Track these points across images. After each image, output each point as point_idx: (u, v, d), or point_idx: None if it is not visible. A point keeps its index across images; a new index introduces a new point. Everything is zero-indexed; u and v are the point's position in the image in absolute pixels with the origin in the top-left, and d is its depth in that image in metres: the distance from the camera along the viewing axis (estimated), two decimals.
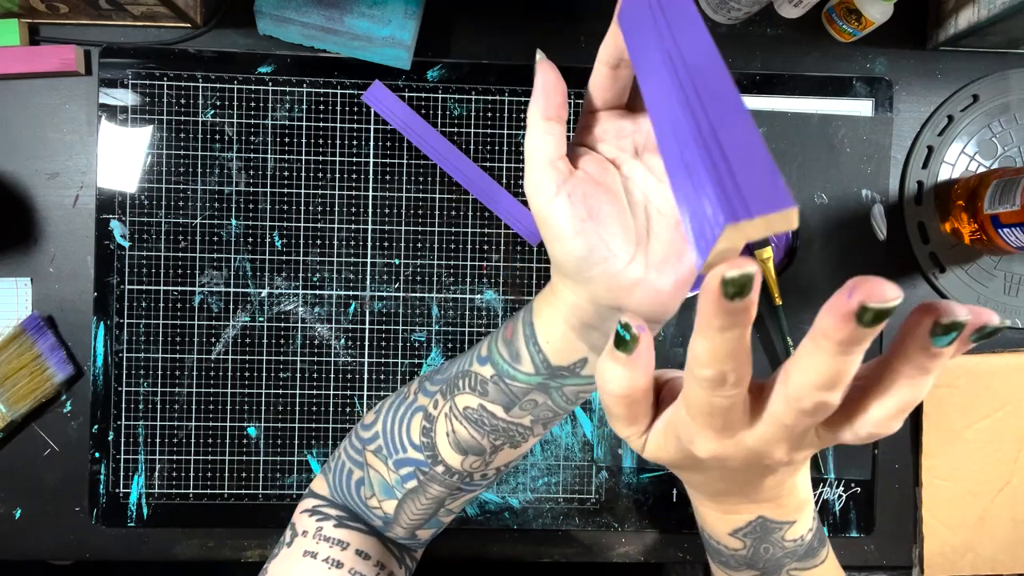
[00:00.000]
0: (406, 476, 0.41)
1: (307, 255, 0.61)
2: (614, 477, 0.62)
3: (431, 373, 0.42)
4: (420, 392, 0.41)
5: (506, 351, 0.37)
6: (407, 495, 0.41)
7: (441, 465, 0.40)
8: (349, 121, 0.60)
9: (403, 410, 0.41)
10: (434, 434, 0.39)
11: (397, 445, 0.41)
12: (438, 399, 0.39)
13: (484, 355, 0.38)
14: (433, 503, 0.41)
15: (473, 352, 0.39)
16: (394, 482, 0.41)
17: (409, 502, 0.41)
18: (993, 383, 0.62)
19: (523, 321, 0.36)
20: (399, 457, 0.41)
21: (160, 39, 0.60)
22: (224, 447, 0.60)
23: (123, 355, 0.60)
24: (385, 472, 0.41)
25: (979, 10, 0.57)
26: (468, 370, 0.38)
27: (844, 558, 0.64)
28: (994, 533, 0.63)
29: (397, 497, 0.41)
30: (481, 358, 0.38)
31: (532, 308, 0.37)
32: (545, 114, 0.32)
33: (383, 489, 0.42)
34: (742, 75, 0.62)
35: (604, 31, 0.36)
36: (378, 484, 0.42)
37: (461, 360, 0.40)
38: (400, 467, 0.41)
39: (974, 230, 0.60)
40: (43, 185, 0.60)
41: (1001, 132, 0.63)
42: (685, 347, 0.62)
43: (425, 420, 0.40)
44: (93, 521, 0.59)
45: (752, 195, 0.20)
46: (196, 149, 0.60)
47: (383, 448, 0.42)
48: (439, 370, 0.41)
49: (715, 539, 0.41)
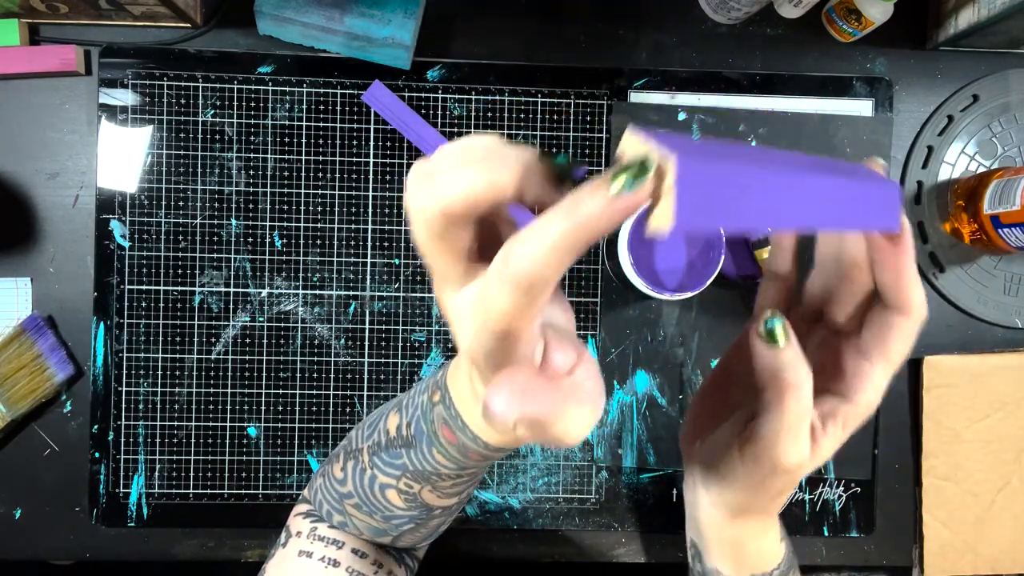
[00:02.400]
0: (400, 524, 0.38)
1: (307, 255, 0.61)
2: (614, 477, 0.62)
3: (373, 445, 0.37)
4: (375, 468, 0.37)
5: (482, 461, 0.33)
6: (403, 532, 0.39)
7: (439, 509, 0.38)
8: (349, 121, 0.60)
9: (367, 482, 0.37)
10: (422, 499, 0.36)
11: (380, 508, 0.38)
12: (408, 483, 0.36)
13: (454, 466, 0.34)
14: (434, 529, 0.40)
15: (422, 457, 0.34)
16: (386, 528, 0.39)
17: (407, 536, 0.40)
18: (993, 383, 0.62)
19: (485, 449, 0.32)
20: (386, 515, 0.38)
21: (160, 39, 0.60)
22: (224, 447, 0.60)
23: (123, 355, 0.59)
24: (373, 522, 0.39)
25: (979, 10, 0.57)
26: (438, 472, 0.35)
27: (844, 558, 0.64)
28: (994, 533, 0.63)
29: (391, 535, 0.40)
30: (451, 467, 0.34)
31: (476, 436, 0.31)
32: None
33: (373, 531, 0.40)
34: (742, 75, 0.62)
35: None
36: (366, 528, 0.40)
37: (410, 457, 0.35)
38: (391, 519, 0.38)
39: (974, 230, 0.60)
40: (43, 185, 0.60)
41: (1001, 132, 0.63)
42: (685, 347, 0.62)
43: (402, 494, 0.36)
44: (93, 521, 0.59)
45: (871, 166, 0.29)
46: (196, 149, 0.60)
47: (363, 506, 0.38)
48: (384, 448, 0.36)
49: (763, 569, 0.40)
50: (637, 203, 0.20)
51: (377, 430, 0.37)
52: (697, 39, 0.63)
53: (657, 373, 0.62)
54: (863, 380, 0.32)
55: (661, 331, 0.62)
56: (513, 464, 0.62)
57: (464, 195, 0.22)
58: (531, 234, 0.20)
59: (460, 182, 0.22)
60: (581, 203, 0.20)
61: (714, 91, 0.62)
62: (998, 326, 0.63)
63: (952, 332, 0.64)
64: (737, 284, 0.62)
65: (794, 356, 0.30)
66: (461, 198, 0.22)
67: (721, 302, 0.62)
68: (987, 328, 0.64)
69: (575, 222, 0.20)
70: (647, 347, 0.62)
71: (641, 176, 0.20)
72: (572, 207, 0.20)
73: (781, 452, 0.31)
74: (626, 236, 0.54)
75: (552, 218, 0.20)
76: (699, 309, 0.62)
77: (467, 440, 0.32)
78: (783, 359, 0.30)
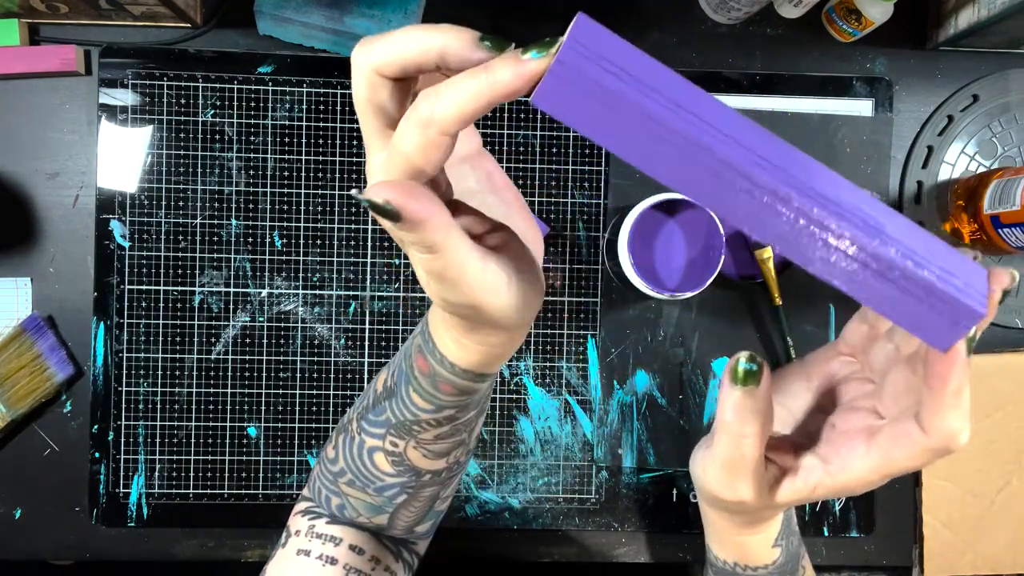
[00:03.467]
0: (393, 495, 0.39)
1: (307, 255, 0.61)
2: (614, 477, 0.62)
3: (360, 407, 0.39)
4: (363, 433, 0.38)
5: (456, 396, 0.34)
6: (399, 507, 0.40)
7: (428, 475, 0.39)
8: (349, 121, 0.60)
9: (355, 450, 0.38)
10: (408, 461, 0.37)
11: (370, 478, 0.39)
12: (393, 440, 0.37)
13: (431, 407, 0.35)
14: (427, 501, 0.41)
15: (401, 404, 0.36)
16: (380, 503, 0.40)
17: (402, 511, 0.40)
18: (993, 383, 0.62)
19: (455, 375, 0.33)
20: (378, 485, 0.39)
21: (160, 39, 0.60)
22: (224, 447, 0.60)
23: (123, 355, 0.60)
24: (367, 498, 0.40)
25: (979, 10, 0.57)
26: (418, 419, 0.35)
27: (844, 558, 0.64)
28: (994, 533, 0.63)
29: (388, 512, 0.40)
30: (428, 410, 0.35)
31: (447, 359, 0.32)
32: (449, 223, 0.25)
33: (369, 509, 0.40)
34: (742, 75, 0.62)
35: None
36: (363, 507, 0.40)
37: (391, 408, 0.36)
38: (383, 491, 0.39)
39: (974, 230, 0.60)
40: (43, 185, 0.60)
41: (1001, 132, 0.63)
42: (685, 347, 0.62)
43: (389, 456, 0.37)
44: (93, 521, 0.59)
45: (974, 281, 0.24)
46: (196, 149, 0.60)
47: (356, 481, 0.39)
48: (371, 409, 0.38)
49: (755, 564, 0.41)
50: (539, 71, 0.22)
51: (366, 395, 0.39)
52: (697, 39, 0.63)
53: (657, 373, 0.62)
54: (849, 460, 0.30)
55: (661, 331, 0.62)
56: (513, 464, 0.62)
57: (394, 52, 0.24)
58: (443, 86, 0.23)
59: (392, 41, 0.24)
60: (493, 66, 0.22)
61: (714, 91, 0.62)
62: (998, 326, 0.63)
63: None
64: (737, 284, 0.62)
65: (744, 402, 0.30)
66: (391, 54, 0.24)
67: (721, 302, 0.62)
68: (987, 328, 0.64)
69: (486, 81, 0.22)
70: (647, 347, 0.62)
71: (545, 49, 0.22)
72: (485, 68, 0.22)
73: (713, 483, 0.33)
74: (626, 236, 0.54)
75: (465, 75, 0.23)
76: (699, 309, 0.62)
77: (436, 364, 0.33)
78: (730, 400, 0.30)
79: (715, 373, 0.62)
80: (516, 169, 0.61)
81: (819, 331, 0.62)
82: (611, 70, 0.23)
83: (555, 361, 0.62)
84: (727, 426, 0.30)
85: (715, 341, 0.62)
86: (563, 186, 0.61)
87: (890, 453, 0.29)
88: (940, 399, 0.27)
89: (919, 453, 0.28)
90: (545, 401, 0.62)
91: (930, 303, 0.23)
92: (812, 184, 0.23)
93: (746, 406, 0.30)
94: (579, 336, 0.62)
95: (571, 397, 0.62)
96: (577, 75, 0.22)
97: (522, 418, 0.62)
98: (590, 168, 0.62)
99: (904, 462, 0.29)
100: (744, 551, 0.41)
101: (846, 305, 0.62)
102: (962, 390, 0.26)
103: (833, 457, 0.31)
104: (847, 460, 0.30)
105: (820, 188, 0.23)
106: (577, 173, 0.62)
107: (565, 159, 0.61)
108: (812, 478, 0.31)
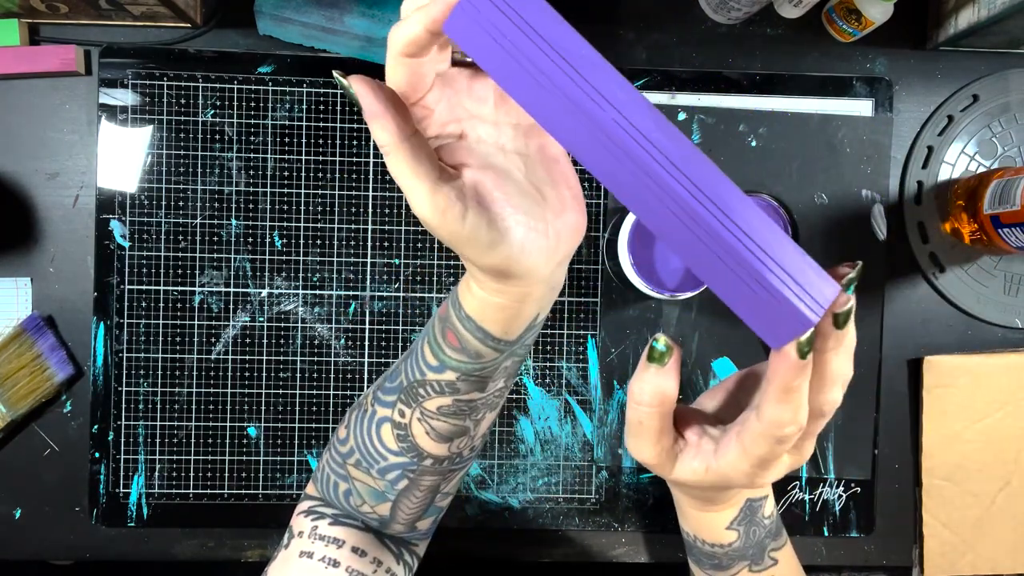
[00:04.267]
0: (395, 479, 0.40)
1: (307, 255, 0.61)
2: (614, 477, 0.62)
3: (380, 381, 0.41)
4: (376, 403, 0.40)
5: (460, 354, 0.36)
6: (400, 494, 0.41)
7: (429, 459, 0.40)
8: (349, 121, 0.60)
9: (366, 423, 0.41)
10: (412, 437, 0.39)
11: (375, 456, 0.40)
12: (401, 408, 0.39)
13: (436, 364, 0.37)
14: (428, 493, 0.41)
15: (414, 361, 0.38)
16: (383, 488, 0.41)
17: (403, 500, 0.41)
18: (993, 383, 0.62)
19: (460, 321, 0.35)
20: (382, 466, 0.40)
21: (160, 39, 0.60)
22: (224, 447, 0.60)
23: (123, 355, 0.60)
24: (371, 481, 0.41)
25: (979, 10, 0.57)
26: (424, 379, 0.37)
27: (844, 558, 0.64)
28: (994, 533, 0.63)
29: (390, 499, 0.41)
30: (433, 367, 0.37)
31: (459, 303, 0.35)
32: (402, 135, 0.28)
33: (373, 495, 0.41)
34: (742, 75, 0.62)
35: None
36: (367, 492, 0.41)
37: (405, 369, 0.39)
38: (385, 473, 0.40)
39: (974, 230, 0.60)
40: (43, 185, 0.60)
41: (1001, 132, 0.63)
42: (685, 347, 0.62)
43: (396, 428, 0.39)
44: (93, 521, 0.59)
45: (816, 293, 0.25)
46: (196, 149, 0.60)
47: (362, 461, 0.41)
48: (388, 377, 0.41)
49: (710, 541, 0.44)
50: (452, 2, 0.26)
51: (390, 369, 0.41)
52: (697, 39, 0.63)
53: None
54: (725, 448, 0.32)
55: (661, 331, 0.62)
56: (513, 464, 0.62)
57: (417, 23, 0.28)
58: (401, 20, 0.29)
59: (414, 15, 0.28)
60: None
61: (714, 91, 0.62)
62: (998, 326, 0.63)
63: (952, 332, 0.64)
64: None
65: (648, 377, 0.32)
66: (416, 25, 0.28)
67: (721, 302, 0.62)
68: (987, 328, 0.64)
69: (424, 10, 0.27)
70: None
71: None
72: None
73: (627, 444, 0.35)
74: (626, 236, 0.54)
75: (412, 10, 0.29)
76: (699, 309, 0.62)
77: (450, 307, 0.36)
78: (639, 373, 0.32)
79: (715, 373, 0.62)
80: None
81: None
82: (515, 19, 0.25)
83: (555, 361, 0.62)
84: (632, 395, 0.33)
85: (715, 341, 0.62)
86: None
87: (743, 441, 0.31)
88: (770, 391, 0.28)
89: (756, 439, 0.30)
90: (545, 401, 0.62)
91: (769, 303, 0.25)
92: (688, 171, 0.24)
93: (649, 380, 0.32)
94: (579, 336, 0.62)
95: (571, 397, 0.62)
96: (480, 15, 0.25)
97: (522, 418, 0.62)
98: None
99: (752, 448, 0.31)
100: (699, 526, 0.44)
101: None
102: (791, 388, 0.28)
103: (722, 444, 0.33)
104: (725, 448, 0.32)
105: (696, 176, 0.25)
106: (576, 173, 0.61)
107: None
108: (703, 460, 0.33)
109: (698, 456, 0.34)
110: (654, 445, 0.33)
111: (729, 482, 0.33)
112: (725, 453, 0.32)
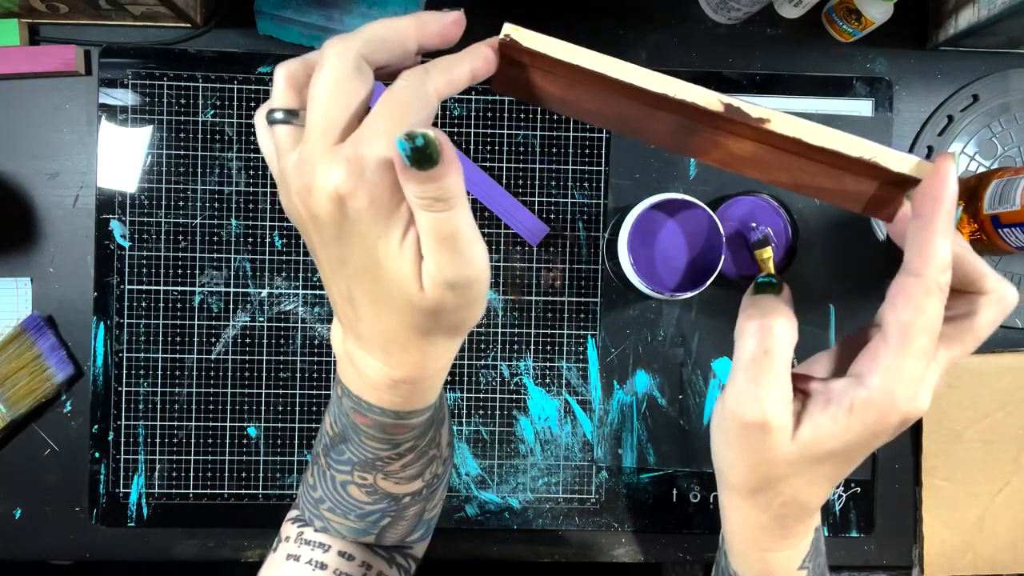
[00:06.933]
0: (376, 520, 0.40)
1: (307, 255, 0.61)
2: (614, 477, 0.62)
3: (324, 446, 0.39)
4: (331, 468, 0.39)
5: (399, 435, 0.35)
6: (384, 528, 0.40)
7: (407, 496, 0.39)
8: None
9: (331, 482, 0.39)
10: (382, 489, 0.38)
11: (350, 507, 0.39)
12: (361, 475, 0.38)
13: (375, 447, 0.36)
14: (414, 518, 0.41)
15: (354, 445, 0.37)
16: (364, 527, 0.40)
17: (388, 531, 0.40)
18: (993, 383, 0.62)
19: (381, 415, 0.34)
20: (359, 512, 0.39)
21: (160, 39, 0.60)
22: (224, 447, 0.60)
23: (123, 355, 0.60)
24: (351, 523, 0.40)
25: (979, 10, 0.57)
26: (375, 458, 0.36)
27: (844, 558, 0.64)
28: (994, 533, 0.63)
29: (373, 533, 0.40)
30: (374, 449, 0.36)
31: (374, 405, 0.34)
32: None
33: (355, 532, 0.40)
34: (742, 75, 0.62)
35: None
36: (348, 530, 0.40)
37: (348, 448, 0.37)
38: (365, 517, 0.39)
39: (974, 230, 0.60)
40: (43, 185, 0.60)
41: (1001, 132, 0.63)
42: (685, 347, 0.62)
43: (362, 487, 0.38)
44: (93, 521, 0.59)
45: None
46: (196, 149, 0.60)
47: (336, 509, 0.40)
48: (331, 447, 0.38)
49: None
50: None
51: (322, 432, 0.39)
52: (697, 39, 0.63)
53: (657, 373, 0.62)
54: (874, 360, 0.27)
55: (661, 331, 0.62)
56: (513, 464, 0.62)
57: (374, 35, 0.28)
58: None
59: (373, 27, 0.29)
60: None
61: (714, 91, 0.62)
62: (998, 326, 0.63)
63: None
64: (737, 284, 0.62)
65: (766, 301, 0.28)
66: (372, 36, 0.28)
67: (721, 302, 0.62)
68: None
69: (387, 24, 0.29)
70: (647, 347, 0.62)
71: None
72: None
73: (734, 400, 0.29)
74: (626, 236, 0.54)
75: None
76: (699, 309, 0.62)
77: (378, 416, 0.34)
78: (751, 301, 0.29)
79: (715, 373, 0.62)
80: (516, 169, 0.61)
81: (819, 331, 0.62)
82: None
83: (555, 361, 0.62)
84: (747, 327, 0.28)
85: (715, 341, 0.62)
86: (563, 186, 0.61)
87: (904, 326, 0.27)
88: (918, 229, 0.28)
89: (920, 301, 0.27)
90: (545, 401, 0.62)
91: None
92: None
93: (768, 303, 0.28)
94: (579, 336, 0.62)
95: (571, 397, 0.62)
96: None
97: (522, 418, 0.62)
98: (590, 168, 0.62)
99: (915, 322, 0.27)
100: (768, 570, 0.36)
101: (846, 305, 0.62)
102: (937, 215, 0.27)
103: (863, 360, 0.28)
104: (871, 360, 0.27)
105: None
106: (577, 173, 0.62)
107: (565, 159, 0.61)
108: (841, 400, 0.28)
109: (832, 401, 0.28)
110: (782, 386, 0.28)
111: (887, 413, 0.27)
112: (874, 368, 0.27)
